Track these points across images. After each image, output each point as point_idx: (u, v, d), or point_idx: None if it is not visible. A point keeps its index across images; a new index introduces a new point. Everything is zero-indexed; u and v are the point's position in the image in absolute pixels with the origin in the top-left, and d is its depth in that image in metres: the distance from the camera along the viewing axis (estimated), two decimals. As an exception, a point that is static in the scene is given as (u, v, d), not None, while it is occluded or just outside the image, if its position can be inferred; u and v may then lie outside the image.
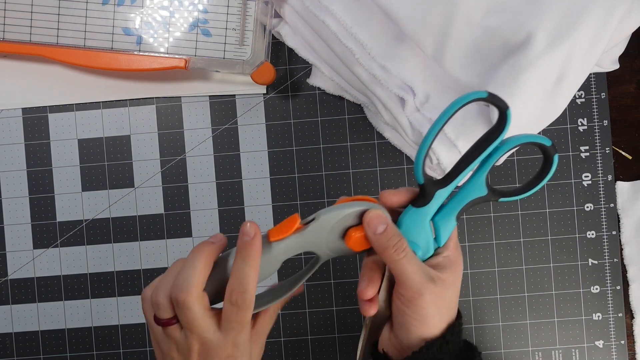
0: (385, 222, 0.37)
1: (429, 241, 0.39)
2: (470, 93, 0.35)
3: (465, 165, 0.38)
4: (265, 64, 0.52)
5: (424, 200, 0.38)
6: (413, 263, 0.37)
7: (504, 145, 0.37)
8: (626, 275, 0.56)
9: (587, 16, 0.43)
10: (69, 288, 0.57)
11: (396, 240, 0.37)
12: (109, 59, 0.53)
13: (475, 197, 0.39)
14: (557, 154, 0.38)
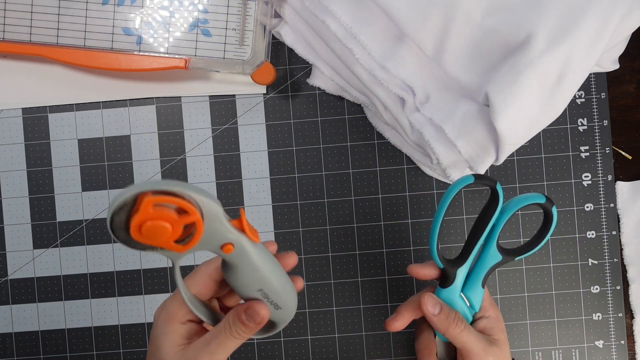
0: (439, 303, 0.43)
1: (465, 312, 0.44)
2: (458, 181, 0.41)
3: (475, 242, 0.43)
4: (265, 64, 0.52)
5: (448, 281, 0.44)
6: (472, 333, 0.43)
7: (504, 215, 0.43)
8: (626, 275, 0.56)
9: (587, 16, 0.43)
10: (69, 288, 0.57)
11: (453, 316, 0.43)
12: (109, 59, 0.53)
13: (493, 264, 0.44)
14: (555, 206, 0.42)
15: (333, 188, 0.56)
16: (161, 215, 0.31)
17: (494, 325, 0.45)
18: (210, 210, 0.33)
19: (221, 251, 0.35)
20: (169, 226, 0.31)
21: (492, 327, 0.44)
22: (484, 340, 0.43)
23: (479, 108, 0.47)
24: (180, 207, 0.31)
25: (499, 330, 0.45)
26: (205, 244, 0.34)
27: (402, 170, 0.56)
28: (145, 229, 0.31)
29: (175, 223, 0.31)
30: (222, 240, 0.34)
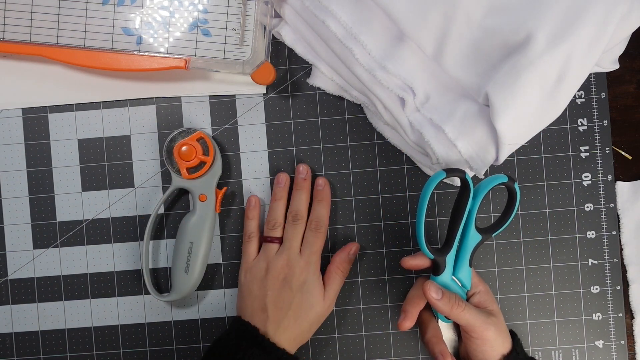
0: (440, 288, 0.48)
1: (459, 292, 0.49)
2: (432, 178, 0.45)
3: (456, 228, 0.48)
4: (265, 64, 0.52)
5: (440, 269, 0.49)
6: (472, 309, 0.48)
7: (476, 200, 0.47)
8: (626, 275, 0.56)
9: (587, 16, 0.43)
10: (69, 288, 0.57)
11: (454, 298, 0.48)
12: (109, 59, 0.53)
13: (475, 244, 0.49)
14: (516, 183, 0.47)
15: (333, 188, 0.56)
16: (195, 145, 0.53)
17: (486, 298, 0.51)
18: (216, 168, 0.54)
19: (197, 198, 0.54)
20: (194, 154, 0.53)
21: (485, 300, 0.51)
22: (483, 313, 0.49)
23: (479, 108, 0.47)
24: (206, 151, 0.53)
25: (491, 301, 0.51)
26: (197, 184, 0.54)
27: (402, 170, 0.56)
28: (183, 148, 0.53)
29: (197, 155, 0.53)
30: (205, 191, 0.54)
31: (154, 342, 0.57)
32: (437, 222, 0.56)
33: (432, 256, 0.48)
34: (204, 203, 0.53)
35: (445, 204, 0.56)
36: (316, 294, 0.51)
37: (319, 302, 0.52)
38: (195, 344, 0.57)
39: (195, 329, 0.57)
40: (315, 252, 0.52)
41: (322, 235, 0.53)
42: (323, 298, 0.52)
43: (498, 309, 0.51)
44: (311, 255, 0.52)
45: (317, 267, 0.52)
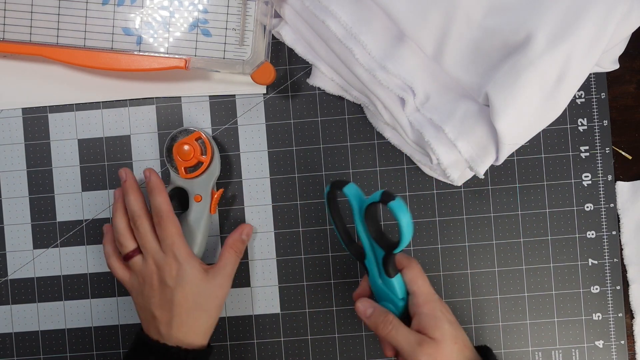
0: (372, 306, 0.46)
1: (391, 298, 0.46)
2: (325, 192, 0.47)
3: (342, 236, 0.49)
4: (265, 64, 0.52)
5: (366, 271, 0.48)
6: (401, 333, 0.44)
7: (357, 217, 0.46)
8: (626, 275, 0.56)
9: (587, 16, 0.43)
10: (69, 288, 0.57)
11: (382, 317, 0.45)
12: (109, 59, 0.53)
13: (381, 257, 0.46)
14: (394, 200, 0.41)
15: (333, 188, 0.56)
16: (194, 146, 0.53)
17: (428, 323, 0.44)
18: (213, 169, 0.54)
19: (194, 198, 0.54)
20: (192, 153, 0.53)
21: (426, 325, 0.44)
22: (415, 339, 0.43)
23: (479, 108, 0.47)
24: (204, 151, 0.53)
25: (434, 327, 0.44)
26: (194, 184, 0.54)
27: (402, 170, 0.56)
28: (182, 147, 0.53)
29: (195, 155, 0.53)
30: (201, 191, 0.54)
31: (154, 342, 0.57)
32: (437, 222, 0.56)
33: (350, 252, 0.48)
34: (198, 204, 0.53)
35: (445, 204, 0.56)
36: (197, 280, 0.50)
37: (205, 287, 0.50)
38: (195, 344, 0.57)
39: (195, 329, 0.57)
40: (174, 241, 0.50)
41: (169, 222, 0.50)
42: (209, 281, 0.50)
43: (444, 337, 0.43)
44: (173, 247, 0.49)
45: (186, 255, 0.50)
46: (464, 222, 0.56)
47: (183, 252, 0.50)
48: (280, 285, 0.57)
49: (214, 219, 0.56)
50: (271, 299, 0.57)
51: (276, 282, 0.57)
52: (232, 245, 0.53)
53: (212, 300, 0.50)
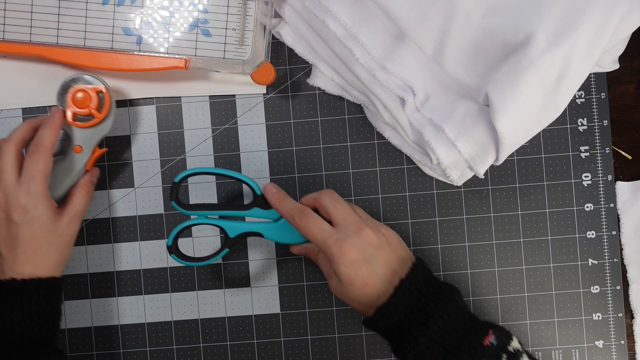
0: (276, 187, 0.50)
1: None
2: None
3: None
4: (265, 64, 0.52)
5: None
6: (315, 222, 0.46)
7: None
8: (626, 275, 0.56)
9: (587, 16, 0.43)
10: (69, 288, 0.57)
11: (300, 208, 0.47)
12: (109, 59, 0.53)
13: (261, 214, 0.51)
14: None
15: (333, 188, 0.56)
16: (91, 96, 0.51)
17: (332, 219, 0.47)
18: (104, 127, 0.53)
19: (73, 148, 0.52)
20: (86, 103, 0.51)
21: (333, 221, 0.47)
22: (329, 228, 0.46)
23: (479, 108, 0.47)
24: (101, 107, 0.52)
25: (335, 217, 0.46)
26: (77, 132, 0.52)
27: (402, 170, 0.56)
28: (77, 93, 0.51)
29: (88, 106, 0.51)
30: (83, 143, 0.52)
31: (154, 342, 0.57)
32: (437, 222, 0.56)
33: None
34: (76, 154, 0.52)
35: (445, 204, 0.56)
36: (45, 218, 0.48)
37: (54, 226, 0.49)
38: (195, 344, 0.57)
39: (195, 329, 0.57)
40: (35, 176, 0.47)
41: (42, 157, 0.48)
42: (57, 220, 0.49)
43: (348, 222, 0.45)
44: (31, 181, 0.47)
45: (40, 193, 0.48)
46: (464, 222, 0.56)
47: (39, 189, 0.48)
48: (280, 285, 0.57)
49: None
50: (271, 299, 0.57)
51: (276, 282, 0.57)
52: (83, 186, 0.52)
53: (61, 239, 0.50)
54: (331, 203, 0.47)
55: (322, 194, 0.48)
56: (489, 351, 0.42)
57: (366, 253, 0.44)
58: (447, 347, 0.42)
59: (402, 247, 0.47)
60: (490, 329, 0.43)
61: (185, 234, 0.56)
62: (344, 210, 0.46)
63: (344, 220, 0.45)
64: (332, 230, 0.45)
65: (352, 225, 0.45)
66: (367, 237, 0.44)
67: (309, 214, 0.46)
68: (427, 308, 0.43)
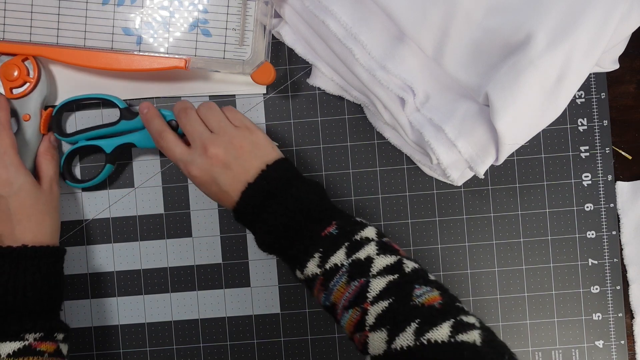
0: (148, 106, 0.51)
1: None
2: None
3: None
4: (265, 64, 0.52)
5: None
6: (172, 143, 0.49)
7: None
8: (626, 275, 0.56)
9: (587, 16, 0.43)
10: (70, 288, 0.57)
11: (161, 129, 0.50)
12: (109, 59, 0.53)
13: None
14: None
15: (333, 188, 0.56)
16: (19, 66, 0.53)
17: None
18: (41, 89, 0.54)
19: (22, 118, 0.54)
20: (17, 74, 0.53)
21: None
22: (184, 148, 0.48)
23: (479, 108, 0.47)
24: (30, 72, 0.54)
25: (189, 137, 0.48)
26: (21, 103, 0.54)
27: (402, 170, 0.56)
28: (6, 69, 0.53)
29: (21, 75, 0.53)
30: (29, 110, 0.54)
31: (154, 342, 0.57)
32: (437, 222, 0.56)
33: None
34: (28, 123, 0.54)
35: (445, 204, 0.56)
36: (30, 186, 0.50)
37: (40, 192, 0.51)
38: (195, 344, 0.57)
39: (195, 329, 0.57)
40: (6, 151, 0.50)
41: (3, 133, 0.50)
42: (40, 187, 0.51)
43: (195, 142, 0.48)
44: (4, 157, 0.49)
45: (17, 164, 0.50)
46: (464, 222, 0.56)
47: (14, 160, 0.50)
48: (280, 285, 0.57)
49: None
50: (271, 299, 0.57)
51: (276, 282, 0.57)
52: (45, 153, 0.54)
53: (49, 204, 0.52)
54: (188, 120, 0.49)
55: (200, 105, 0.50)
56: (326, 240, 0.44)
57: (213, 173, 0.46)
58: (288, 237, 0.45)
59: (255, 157, 0.47)
60: (335, 220, 0.45)
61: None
62: (194, 129, 0.48)
63: (193, 141, 0.48)
64: (184, 152, 0.48)
65: (199, 146, 0.47)
66: (213, 157, 0.46)
67: (166, 136, 0.49)
68: (273, 202, 0.45)
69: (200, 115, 0.49)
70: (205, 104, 0.50)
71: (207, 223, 0.57)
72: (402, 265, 0.43)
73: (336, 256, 0.43)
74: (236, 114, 0.50)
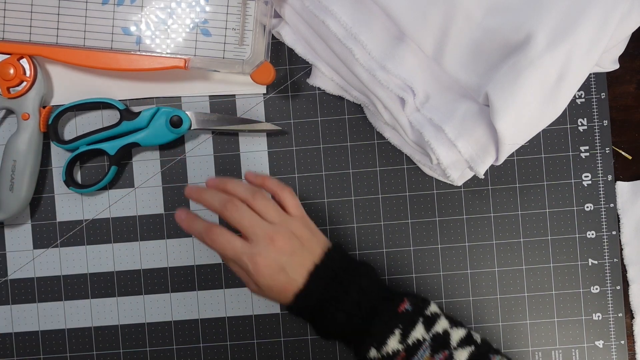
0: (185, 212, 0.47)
1: None
2: None
3: None
4: (265, 63, 0.52)
5: None
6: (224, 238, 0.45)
7: None
8: (626, 275, 0.56)
9: (587, 16, 0.43)
10: (69, 288, 0.57)
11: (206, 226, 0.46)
12: (108, 59, 0.53)
13: None
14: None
15: (333, 188, 0.56)
16: (16, 65, 0.53)
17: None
18: (38, 87, 0.54)
19: (21, 117, 0.54)
20: (14, 73, 0.53)
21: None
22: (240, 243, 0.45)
23: (479, 108, 0.47)
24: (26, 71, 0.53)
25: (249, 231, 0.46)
26: (19, 103, 0.54)
27: (402, 170, 0.56)
28: (3, 69, 0.53)
29: (18, 75, 0.53)
30: (27, 109, 0.54)
31: (154, 342, 0.57)
32: (437, 222, 0.56)
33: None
34: (27, 122, 0.54)
35: (445, 204, 0.56)
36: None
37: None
38: (195, 344, 0.57)
39: (195, 329, 0.57)
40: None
41: None
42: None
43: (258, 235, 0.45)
44: None
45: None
46: (464, 222, 0.56)
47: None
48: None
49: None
50: (271, 299, 0.57)
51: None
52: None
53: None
54: (242, 215, 0.46)
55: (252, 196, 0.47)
56: (404, 317, 0.45)
57: (281, 262, 0.45)
58: (364, 317, 0.45)
59: (316, 242, 0.47)
60: (406, 297, 0.46)
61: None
62: (253, 223, 0.46)
63: (254, 234, 0.45)
64: (244, 246, 0.45)
65: (262, 238, 0.45)
66: (279, 246, 0.45)
67: (217, 231, 0.45)
68: (341, 286, 0.45)
69: (256, 208, 0.46)
70: (256, 193, 0.47)
71: (207, 223, 0.57)
72: (472, 336, 0.46)
73: (417, 331, 0.45)
74: (291, 200, 0.49)
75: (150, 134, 0.54)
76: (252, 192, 0.47)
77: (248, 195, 0.47)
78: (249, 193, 0.47)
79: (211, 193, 0.47)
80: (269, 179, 0.49)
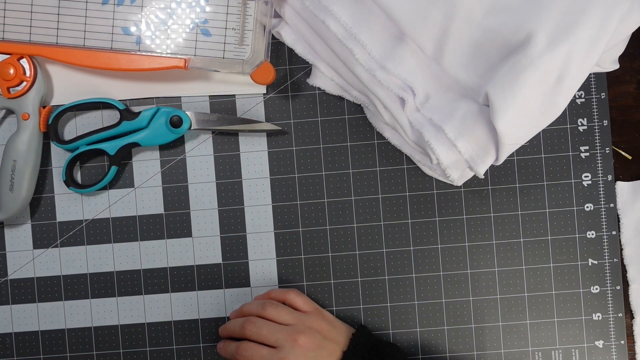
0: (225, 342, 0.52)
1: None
2: None
3: None
4: (265, 63, 0.52)
5: None
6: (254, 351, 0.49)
7: None
8: (626, 275, 0.56)
9: (587, 16, 0.43)
10: (69, 288, 0.57)
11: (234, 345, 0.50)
12: (108, 59, 0.53)
13: None
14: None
15: (333, 188, 0.56)
16: (15, 65, 0.53)
17: None
18: (38, 87, 0.54)
19: (21, 117, 0.53)
20: (14, 73, 0.53)
21: None
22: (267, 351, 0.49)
23: (479, 108, 0.47)
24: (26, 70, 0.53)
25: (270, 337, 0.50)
26: (19, 103, 0.53)
27: (402, 170, 0.56)
28: (3, 69, 0.52)
29: (18, 75, 0.53)
30: (27, 109, 0.54)
31: (154, 342, 0.57)
32: (437, 222, 0.56)
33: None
34: (27, 122, 0.54)
35: (445, 204, 0.56)
36: None
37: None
38: (195, 344, 0.57)
39: (195, 329, 0.57)
40: None
41: None
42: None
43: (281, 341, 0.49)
44: None
45: None
46: (464, 222, 0.56)
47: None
48: (280, 285, 0.57)
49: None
50: (271, 299, 0.57)
51: (276, 282, 0.57)
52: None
53: None
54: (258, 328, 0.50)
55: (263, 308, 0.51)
56: None
57: (309, 358, 0.48)
58: None
59: (336, 332, 0.51)
60: None
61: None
62: (271, 330, 0.49)
63: (276, 340, 0.49)
64: (270, 352, 0.48)
65: (285, 341, 0.48)
66: (304, 345, 0.48)
67: (245, 346, 0.49)
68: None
69: (270, 317, 0.50)
70: (265, 304, 0.51)
71: (207, 223, 0.57)
72: None
73: None
74: (299, 299, 0.53)
75: (150, 134, 0.54)
76: (262, 304, 0.51)
77: (259, 309, 0.51)
78: (259, 306, 0.51)
79: (232, 322, 0.52)
80: (272, 290, 0.54)
